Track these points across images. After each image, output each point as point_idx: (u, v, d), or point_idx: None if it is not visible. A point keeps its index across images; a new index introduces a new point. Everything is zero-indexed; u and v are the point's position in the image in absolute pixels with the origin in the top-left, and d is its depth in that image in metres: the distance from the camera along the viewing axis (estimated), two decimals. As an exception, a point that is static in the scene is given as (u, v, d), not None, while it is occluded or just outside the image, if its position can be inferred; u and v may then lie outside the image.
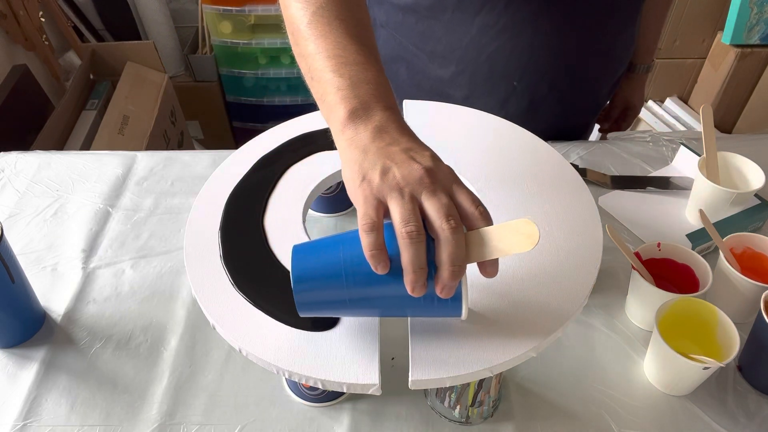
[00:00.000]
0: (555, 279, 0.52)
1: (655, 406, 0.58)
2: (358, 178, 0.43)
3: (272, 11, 1.75)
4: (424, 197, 0.41)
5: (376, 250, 0.40)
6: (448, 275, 0.40)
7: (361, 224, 0.41)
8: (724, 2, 1.64)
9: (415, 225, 0.40)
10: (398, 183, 0.41)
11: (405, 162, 0.42)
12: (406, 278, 0.41)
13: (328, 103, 0.47)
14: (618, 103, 1.03)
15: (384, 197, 0.42)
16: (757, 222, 0.75)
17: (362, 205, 0.42)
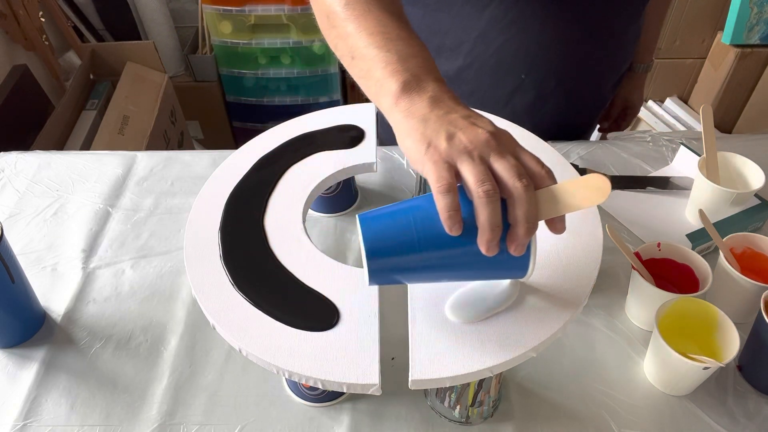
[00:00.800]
0: (555, 279, 0.52)
1: (655, 406, 0.58)
2: (423, 146, 0.43)
3: (272, 11, 1.75)
4: (492, 159, 0.42)
5: (453, 211, 0.41)
6: (523, 232, 0.41)
7: (438, 186, 0.41)
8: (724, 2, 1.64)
9: (491, 184, 0.41)
10: (466, 146, 0.42)
11: (468, 127, 0.43)
12: (481, 238, 0.41)
13: (376, 78, 0.48)
14: (618, 102, 1.03)
15: (453, 161, 0.42)
16: (757, 222, 0.75)
17: (433, 169, 0.42)
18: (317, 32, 1.79)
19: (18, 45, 1.53)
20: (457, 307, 0.50)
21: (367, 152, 0.67)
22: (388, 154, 0.87)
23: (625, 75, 1.00)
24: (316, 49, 1.84)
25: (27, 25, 1.51)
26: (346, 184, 0.75)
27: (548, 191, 0.42)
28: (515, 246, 0.42)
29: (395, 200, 0.80)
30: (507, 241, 0.42)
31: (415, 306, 0.50)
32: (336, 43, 0.53)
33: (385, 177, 0.83)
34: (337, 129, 0.70)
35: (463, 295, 0.51)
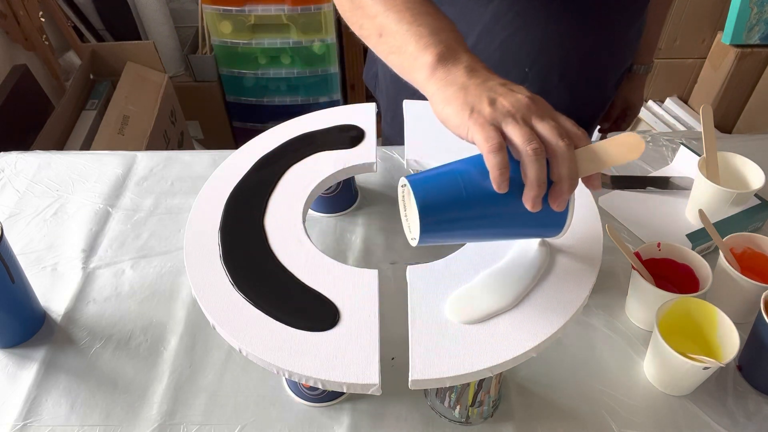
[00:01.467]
0: (555, 279, 0.52)
1: (655, 406, 0.58)
2: (466, 112, 0.45)
3: (272, 11, 1.75)
4: (534, 121, 0.45)
5: (503, 168, 0.43)
6: (566, 188, 0.44)
7: (488, 146, 0.43)
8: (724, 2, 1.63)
9: (538, 143, 0.43)
10: (509, 110, 0.45)
11: (508, 93, 0.46)
12: (528, 194, 0.44)
13: (409, 52, 0.50)
14: (618, 103, 1.03)
15: (498, 123, 0.44)
16: (757, 222, 0.75)
17: (481, 131, 0.44)
18: (317, 32, 1.79)
19: (18, 45, 1.53)
20: (457, 307, 0.50)
21: (367, 152, 0.67)
22: (388, 154, 0.87)
23: (626, 76, 1.00)
24: (316, 49, 1.84)
25: (27, 25, 1.51)
26: (346, 184, 0.75)
27: (586, 150, 0.45)
28: (558, 202, 0.45)
29: (395, 200, 0.79)
30: (550, 197, 0.45)
31: (415, 306, 0.50)
32: (361, 23, 0.55)
33: (385, 177, 0.83)
34: (337, 129, 0.70)
35: (463, 295, 0.51)
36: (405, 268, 0.53)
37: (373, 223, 0.76)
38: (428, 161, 0.66)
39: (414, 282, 0.52)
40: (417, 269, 0.53)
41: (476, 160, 0.45)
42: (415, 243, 0.47)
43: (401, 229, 0.75)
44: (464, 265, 0.54)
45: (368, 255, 0.72)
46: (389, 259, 0.72)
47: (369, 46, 0.56)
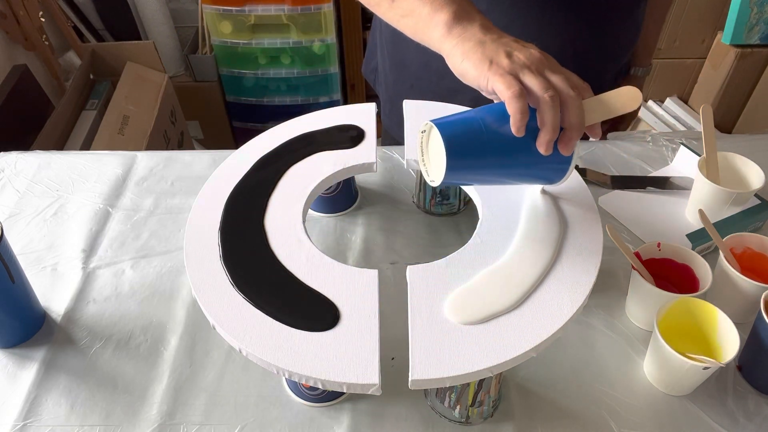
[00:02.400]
0: (555, 279, 0.53)
1: (655, 406, 0.58)
2: (485, 64, 0.49)
3: (272, 11, 1.75)
4: (547, 73, 0.49)
5: (523, 113, 0.47)
6: (576, 134, 0.49)
7: (510, 93, 0.47)
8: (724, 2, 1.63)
9: (554, 91, 0.48)
10: (525, 62, 0.49)
11: (522, 48, 0.51)
12: (542, 138, 0.48)
13: (423, 14, 0.54)
14: None
15: (516, 74, 0.49)
16: (757, 222, 0.75)
17: (501, 80, 0.48)
18: (317, 32, 1.79)
19: (18, 45, 1.53)
20: (458, 308, 0.50)
21: (367, 152, 0.67)
22: (388, 154, 0.87)
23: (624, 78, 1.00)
24: (316, 49, 1.84)
25: (27, 25, 1.51)
26: (346, 184, 0.75)
27: (591, 101, 0.51)
28: (568, 146, 0.50)
29: (395, 200, 0.80)
30: (560, 142, 0.50)
31: (415, 306, 0.50)
32: None
33: (385, 177, 0.83)
34: (337, 129, 0.70)
35: (463, 295, 0.51)
36: (405, 268, 0.53)
37: (373, 223, 0.76)
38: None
39: (414, 282, 0.52)
40: (417, 269, 0.53)
41: (494, 109, 0.51)
42: (438, 182, 0.51)
43: (401, 229, 0.75)
44: (464, 264, 0.54)
45: (368, 255, 0.72)
46: (389, 259, 0.72)
47: (379, 13, 0.60)
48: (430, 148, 0.52)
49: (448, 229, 0.76)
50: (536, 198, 0.60)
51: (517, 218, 0.58)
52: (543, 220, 0.57)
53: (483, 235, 0.57)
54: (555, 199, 0.60)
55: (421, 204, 0.78)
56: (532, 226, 0.57)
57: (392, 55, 0.91)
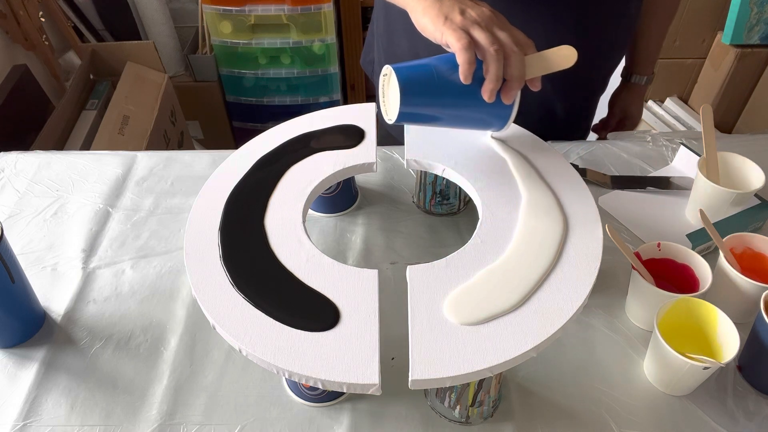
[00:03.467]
0: (555, 279, 0.53)
1: (655, 406, 0.58)
2: (440, 19, 0.56)
3: (272, 11, 1.75)
4: (495, 30, 0.55)
5: (470, 63, 0.53)
6: (516, 85, 0.56)
7: (460, 45, 0.53)
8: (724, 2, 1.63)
9: (499, 45, 0.54)
10: (476, 19, 0.55)
11: (474, 6, 0.56)
12: (486, 86, 0.55)
13: None
14: (616, 112, 1.03)
15: (467, 29, 0.55)
16: (757, 222, 0.75)
17: (453, 34, 0.54)
18: (317, 32, 1.79)
19: (18, 45, 1.53)
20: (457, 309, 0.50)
21: (367, 152, 0.67)
22: (388, 154, 0.87)
23: (625, 86, 1.00)
24: (316, 49, 1.84)
25: (27, 25, 1.51)
26: (346, 184, 0.75)
27: (531, 57, 0.57)
28: (509, 96, 0.56)
29: (395, 200, 0.80)
30: (502, 92, 0.56)
31: (415, 306, 0.50)
32: None
33: (385, 177, 0.83)
34: (337, 129, 0.70)
35: (463, 296, 0.51)
36: (405, 268, 0.53)
37: (373, 223, 0.76)
38: (428, 161, 0.66)
39: (414, 282, 0.52)
40: (417, 269, 0.53)
41: (447, 58, 0.56)
42: (393, 120, 0.57)
43: (401, 229, 0.75)
44: (464, 264, 0.54)
45: (368, 255, 0.72)
46: (389, 259, 0.72)
47: None
48: (390, 90, 0.58)
49: (448, 229, 0.76)
50: (536, 198, 0.60)
51: (516, 218, 0.58)
52: (543, 220, 0.57)
53: (483, 235, 0.57)
54: (555, 199, 0.60)
55: (421, 204, 0.78)
56: (532, 226, 0.57)
57: (386, 48, 0.91)
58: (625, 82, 1.00)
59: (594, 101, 0.96)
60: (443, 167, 0.65)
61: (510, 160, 0.64)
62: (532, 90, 0.59)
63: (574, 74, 0.86)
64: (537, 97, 0.88)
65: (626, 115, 1.03)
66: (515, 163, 0.64)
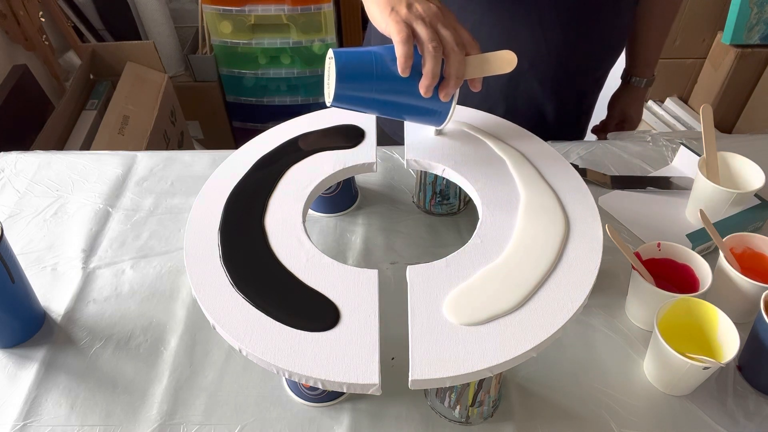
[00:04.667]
0: (555, 279, 0.53)
1: (655, 406, 0.58)
2: (387, 10, 0.56)
3: (272, 11, 1.75)
4: (439, 27, 0.55)
5: (408, 57, 0.54)
6: (453, 83, 0.56)
7: (399, 37, 0.54)
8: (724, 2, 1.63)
9: (438, 43, 0.54)
10: (421, 14, 0.56)
11: (422, 1, 0.57)
12: (423, 82, 0.55)
13: None
14: (615, 114, 1.03)
15: (411, 23, 0.55)
16: (757, 222, 0.75)
17: (395, 26, 0.55)
18: (317, 32, 1.79)
19: (18, 45, 1.53)
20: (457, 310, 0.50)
21: (367, 152, 0.67)
22: (388, 154, 0.87)
23: (624, 88, 1.00)
24: (316, 49, 1.84)
25: (27, 25, 1.51)
26: (346, 184, 0.75)
27: (473, 58, 0.58)
28: (446, 92, 0.57)
29: (395, 200, 0.80)
30: (440, 89, 0.57)
31: (415, 306, 0.50)
32: None
33: (385, 177, 0.83)
34: (337, 129, 0.70)
35: (463, 296, 0.51)
36: (405, 268, 0.53)
37: (373, 223, 0.76)
38: (428, 161, 0.66)
39: (414, 282, 0.52)
40: (417, 269, 0.53)
41: (388, 49, 0.57)
42: (329, 102, 0.58)
43: (401, 228, 0.75)
44: (464, 264, 0.54)
45: (368, 255, 0.72)
46: (389, 259, 0.72)
47: None
48: (331, 72, 0.58)
49: (448, 229, 0.76)
50: (536, 198, 0.60)
51: (516, 218, 0.58)
52: (543, 221, 0.57)
53: (483, 235, 0.57)
54: (555, 199, 0.60)
55: (421, 204, 0.78)
56: (532, 226, 0.57)
57: None
58: (624, 84, 1.00)
59: (588, 102, 0.96)
60: (443, 167, 0.65)
61: (510, 160, 0.64)
62: (472, 90, 0.60)
63: (563, 75, 0.86)
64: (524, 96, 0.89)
65: (625, 117, 1.03)
66: (515, 163, 0.64)
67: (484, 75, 0.59)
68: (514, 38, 0.78)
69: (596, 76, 0.90)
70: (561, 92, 0.88)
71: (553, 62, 0.82)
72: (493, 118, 0.71)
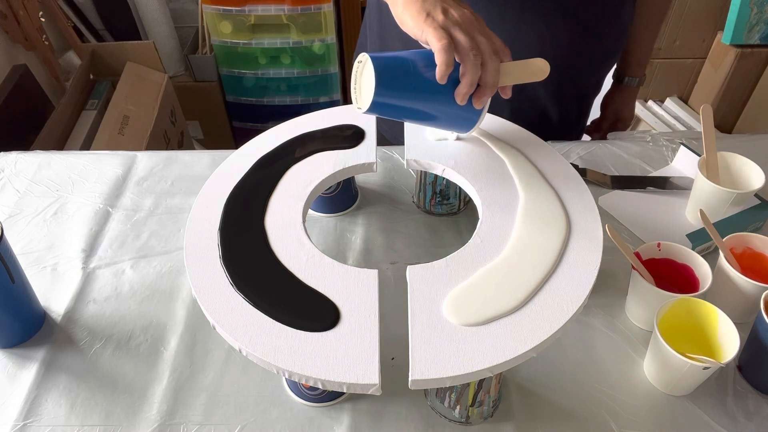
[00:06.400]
0: (555, 279, 0.53)
1: (655, 406, 0.58)
2: (422, 16, 0.55)
3: (272, 11, 1.75)
4: (475, 34, 0.55)
5: (449, 65, 0.53)
6: (489, 91, 0.56)
7: (441, 45, 0.53)
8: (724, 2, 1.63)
9: (478, 51, 0.54)
10: (458, 21, 0.55)
11: (457, 7, 0.56)
12: (460, 90, 0.55)
13: None
14: (609, 114, 1.03)
15: (449, 29, 0.54)
16: (757, 222, 0.75)
17: (434, 33, 0.53)
18: (317, 32, 1.79)
19: (18, 45, 1.53)
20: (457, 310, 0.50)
21: (367, 152, 0.67)
22: (388, 154, 0.87)
23: (617, 88, 1.00)
24: (316, 49, 1.84)
25: (27, 25, 1.51)
26: (346, 184, 0.75)
27: (507, 65, 0.57)
28: (481, 101, 0.57)
29: (395, 200, 0.80)
30: (474, 96, 0.56)
31: (415, 306, 0.50)
32: None
33: (385, 177, 0.83)
34: (337, 129, 0.70)
35: (463, 296, 0.51)
36: (405, 268, 0.53)
37: (373, 223, 0.76)
38: (428, 161, 0.66)
39: (414, 282, 0.52)
40: (417, 269, 0.53)
41: (424, 54, 0.56)
42: (364, 109, 0.56)
43: (401, 229, 0.75)
44: (464, 264, 0.54)
45: (368, 255, 0.72)
46: (389, 259, 0.72)
47: None
48: (363, 78, 0.57)
49: (448, 229, 0.76)
50: (536, 198, 0.60)
51: (516, 218, 0.58)
52: (543, 221, 0.57)
53: (483, 235, 0.57)
54: (555, 199, 0.60)
55: (421, 204, 0.78)
56: (532, 226, 0.57)
57: (380, 50, 0.91)
58: (617, 84, 1.00)
59: (588, 104, 0.96)
60: (443, 167, 0.65)
61: (510, 160, 0.64)
62: (502, 97, 0.59)
63: (568, 78, 0.86)
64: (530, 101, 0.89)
65: (619, 117, 1.03)
66: (515, 163, 0.64)
67: (517, 82, 0.58)
68: (519, 42, 0.78)
69: (597, 79, 0.90)
70: (564, 95, 0.88)
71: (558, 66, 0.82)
72: (493, 118, 0.71)
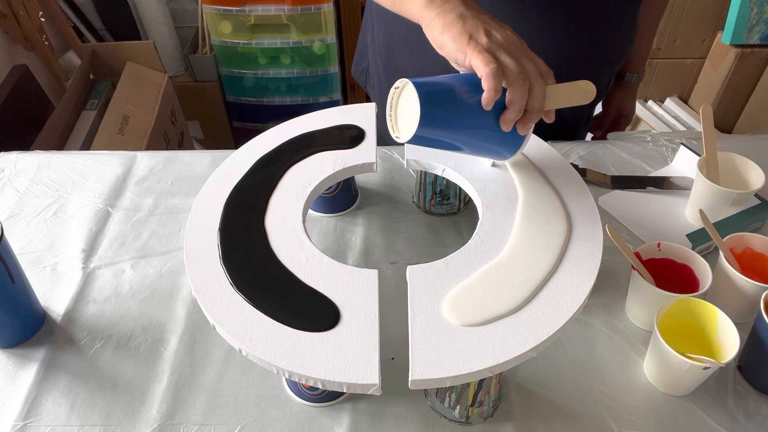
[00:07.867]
0: (555, 279, 0.53)
1: (655, 406, 0.58)
2: (464, 38, 0.52)
3: (272, 11, 1.75)
4: (521, 57, 0.52)
5: (497, 91, 0.50)
6: (535, 117, 0.53)
7: (490, 69, 0.49)
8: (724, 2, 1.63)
9: (526, 76, 0.51)
10: (502, 43, 0.52)
11: (500, 28, 0.53)
12: (507, 116, 0.52)
13: None
14: (610, 111, 1.03)
15: (494, 52, 0.51)
16: (757, 222, 0.75)
17: (480, 57, 0.50)
18: (317, 32, 1.79)
19: (18, 45, 1.53)
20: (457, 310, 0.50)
21: (367, 152, 0.67)
22: (388, 154, 0.87)
23: (617, 84, 1.00)
24: (316, 49, 1.84)
25: (27, 25, 1.51)
26: (346, 184, 0.75)
27: (552, 88, 0.54)
28: (527, 127, 0.54)
29: (395, 200, 0.80)
30: (519, 122, 0.53)
31: (415, 306, 0.50)
32: None
33: (385, 177, 0.83)
34: (337, 129, 0.70)
35: (463, 297, 0.51)
36: (405, 268, 0.53)
37: (373, 223, 0.76)
38: (428, 161, 0.66)
39: (414, 282, 0.52)
40: (417, 269, 0.53)
41: (468, 79, 0.52)
42: (405, 139, 0.53)
43: (401, 229, 0.75)
44: (464, 265, 0.54)
45: (368, 255, 0.72)
46: (389, 259, 0.72)
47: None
48: (401, 105, 0.54)
49: (448, 229, 0.76)
50: (536, 198, 0.60)
51: (516, 218, 0.58)
52: (543, 220, 0.57)
53: (483, 235, 0.57)
54: (555, 199, 0.60)
55: (421, 204, 0.78)
56: (532, 226, 0.57)
57: (386, 60, 0.90)
58: (618, 80, 1.00)
59: (594, 106, 0.97)
60: (443, 167, 0.65)
61: (510, 160, 0.64)
62: (546, 122, 0.56)
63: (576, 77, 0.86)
64: None
65: (621, 113, 1.03)
66: (515, 163, 0.64)
67: (562, 106, 0.55)
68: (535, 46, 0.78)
69: (606, 81, 0.90)
70: None
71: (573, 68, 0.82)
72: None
